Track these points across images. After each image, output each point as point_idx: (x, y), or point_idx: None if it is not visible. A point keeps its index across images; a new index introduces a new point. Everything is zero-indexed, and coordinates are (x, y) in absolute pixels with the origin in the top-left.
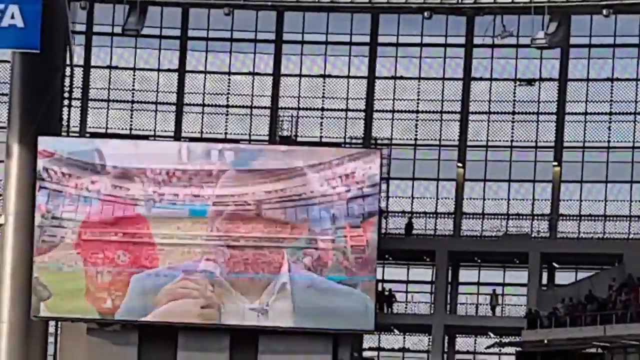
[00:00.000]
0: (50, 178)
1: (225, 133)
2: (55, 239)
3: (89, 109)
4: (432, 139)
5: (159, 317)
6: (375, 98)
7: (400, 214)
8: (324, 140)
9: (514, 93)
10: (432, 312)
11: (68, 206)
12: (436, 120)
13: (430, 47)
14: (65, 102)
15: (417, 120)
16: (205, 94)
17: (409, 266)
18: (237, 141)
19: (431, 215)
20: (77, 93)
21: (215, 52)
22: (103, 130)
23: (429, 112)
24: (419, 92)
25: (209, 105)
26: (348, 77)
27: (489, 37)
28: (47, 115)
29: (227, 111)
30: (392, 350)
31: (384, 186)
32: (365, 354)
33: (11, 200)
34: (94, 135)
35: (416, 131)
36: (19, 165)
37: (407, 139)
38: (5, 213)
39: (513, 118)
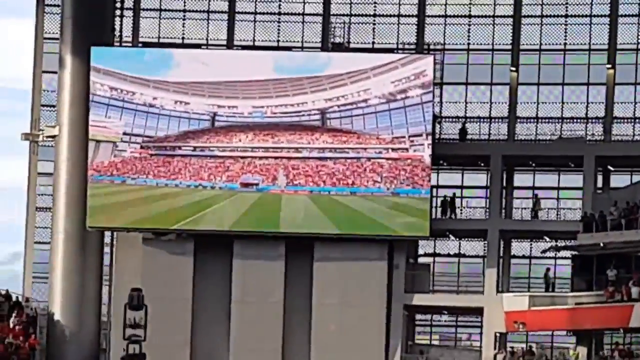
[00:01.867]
0: (109, 93)
1: (278, 41)
2: (114, 152)
3: (141, 18)
4: (484, 44)
5: (214, 225)
6: (427, 3)
7: (454, 119)
8: (376, 46)
9: None
10: (487, 216)
11: (126, 119)
12: (489, 25)
13: None
14: (117, 12)
15: (469, 25)
16: (257, 2)
17: (464, 171)
18: (289, 48)
19: (485, 120)
20: (128, 3)
21: None
22: (155, 40)
23: (482, 16)
24: None
25: (261, 13)
26: None
27: None
28: (99, 26)
29: (279, 19)
30: (448, 255)
31: (437, 91)
32: (421, 259)
33: (65, 111)
34: (147, 45)
35: (469, 36)
36: (73, 76)
37: (459, 44)
38: (59, 124)
39: (566, 21)
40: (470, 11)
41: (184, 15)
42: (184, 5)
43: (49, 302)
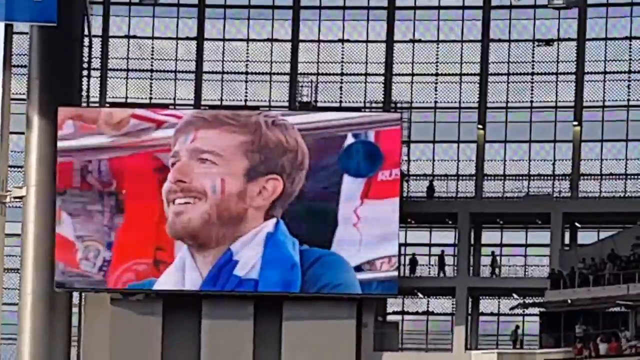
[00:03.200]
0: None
1: (245, 100)
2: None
3: (108, 78)
4: (451, 102)
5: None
6: (394, 62)
7: (421, 177)
8: (343, 105)
9: (533, 54)
10: (455, 274)
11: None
12: (455, 83)
13: (448, 9)
14: (85, 72)
15: (436, 83)
16: (225, 62)
17: (432, 229)
18: (257, 108)
19: (452, 178)
20: (96, 63)
21: (233, 20)
22: (123, 100)
23: (448, 74)
24: (437, 54)
25: (228, 73)
26: (367, 41)
27: None
28: (66, 86)
29: (247, 78)
30: (417, 313)
31: (404, 149)
32: (390, 318)
33: (32, 172)
34: (114, 105)
35: (436, 94)
36: (40, 136)
37: (426, 102)
38: (26, 184)
39: (532, 79)
40: (437, 69)
41: (152, 75)
42: (152, 66)
43: None
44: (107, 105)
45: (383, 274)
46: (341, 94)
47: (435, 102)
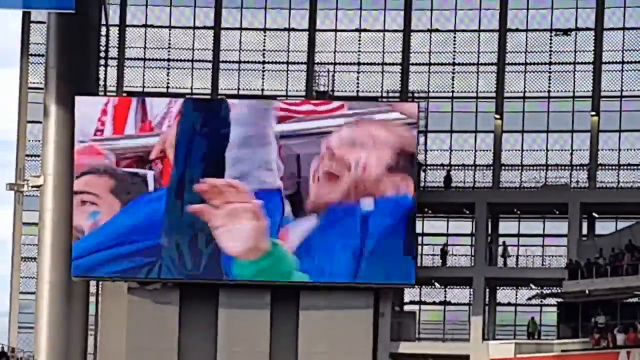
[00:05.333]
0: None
1: (262, 89)
2: None
3: (125, 68)
4: (469, 91)
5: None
6: (411, 51)
7: (438, 167)
8: (360, 94)
9: (550, 43)
10: (472, 264)
11: None
12: (473, 72)
13: None
14: (102, 61)
15: (453, 73)
16: (242, 51)
17: (449, 219)
18: (273, 97)
19: (470, 168)
20: (113, 52)
21: (250, 9)
22: (140, 89)
23: (466, 64)
24: (455, 44)
25: (245, 62)
26: (384, 30)
27: None
28: (83, 75)
29: (264, 67)
30: (434, 303)
31: (421, 139)
32: (407, 307)
33: (50, 161)
34: (131, 94)
35: (453, 84)
36: (57, 125)
37: (444, 92)
38: (44, 174)
39: (550, 68)
40: (454, 59)
41: (169, 65)
42: (168, 55)
43: (35, 353)
44: (124, 94)
45: None
46: (358, 83)
47: (453, 91)
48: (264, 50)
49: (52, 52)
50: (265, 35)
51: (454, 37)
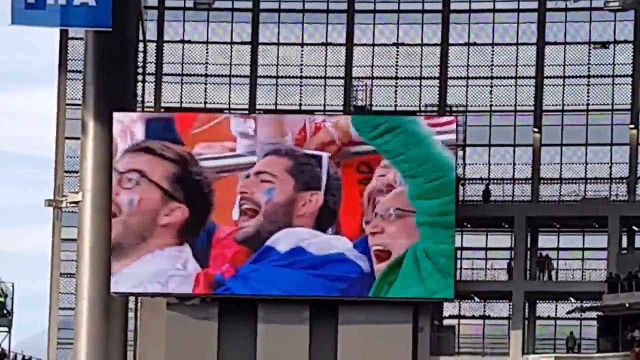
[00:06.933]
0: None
1: (300, 104)
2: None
3: (162, 83)
4: (507, 105)
5: None
6: (449, 65)
7: (477, 181)
8: (398, 108)
9: (589, 56)
10: (511, 278)
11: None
12: (511, 86)
13: (503, 12)
14: (139, 77)
15: (491, 87)
16: (279, 66)
17: (488, 233)
18: (311, 112)
19: (508, 181)
20: (150, 68)
21: (287, 24)
22: (177, 105)
23: (504, 77)
24: (492, 57)
25: (282, 77)
26: (422, 44)
27: (562, 0)
28: (121, 91)
29: (301, 82)
30: (473, 317)
31: (460, 153)
32: (446, 322)
33: (88, 177)
34: (169, 109)
35: (491, 97)
36: (95, 141)
37: (482, 105)
38: (82, 190)
39: (588, 82)
40: (492, 72)
41: (206, 80)
42: (206, 70)
43: None
44: (162, 110)
45: None
46: (396, 97)
47: (491, 105)
48: (301, 65)
49: (90, 68)
50: (302, 50)
51: (492, 51)
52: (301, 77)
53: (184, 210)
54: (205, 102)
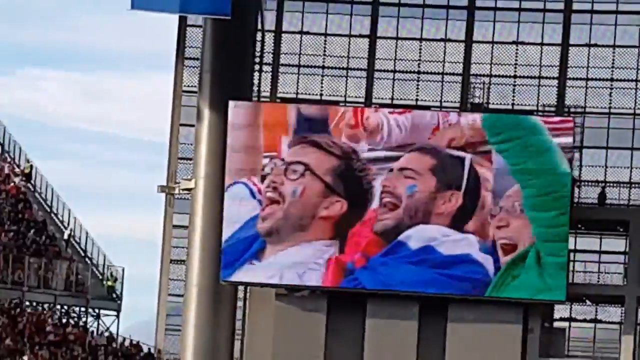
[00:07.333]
0: None
1: (416, 99)
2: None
3: (279, 74)
4: (626, 107)
5: None
6: (568, 65)
7: (593, 183)
8: (516, 107)
9: None
10: (625, 283)
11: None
12: (631, 89)
13: (624, 14)
14: (256, 67)
15: (611, 89)
16: (397, 60)
17: (602, 236)
18: (427, 107)
19: (625, 185)
20: (267, 58)
21: (407, 18)
22: (293, 96)
23: (624, 80)
24: (613, 59)
25: (400, 71)
26: (542, 44)
27: None
28: (237, 80)
29: (419, 77)
30: (584, 320)
31: (576, 155)
32: (556, 324)
33: (201, 164)
34: (285, 100)
35: (610, 99)
36: (209, 129)
37: (601, 107)
38: (195, 177)
39: None
40: (612, 74)
41: (323, 72)
42: (323, 62)
43: (180, 356)
44: (278, 100)
45: None
46: (514, 96)
47: (610, 107)
48: (419, 60)
49: (207, 56)
50: (421, 45)
51: (613, 52)
52: (419, 72)
53: (343, 204)
54: (321, 94)
